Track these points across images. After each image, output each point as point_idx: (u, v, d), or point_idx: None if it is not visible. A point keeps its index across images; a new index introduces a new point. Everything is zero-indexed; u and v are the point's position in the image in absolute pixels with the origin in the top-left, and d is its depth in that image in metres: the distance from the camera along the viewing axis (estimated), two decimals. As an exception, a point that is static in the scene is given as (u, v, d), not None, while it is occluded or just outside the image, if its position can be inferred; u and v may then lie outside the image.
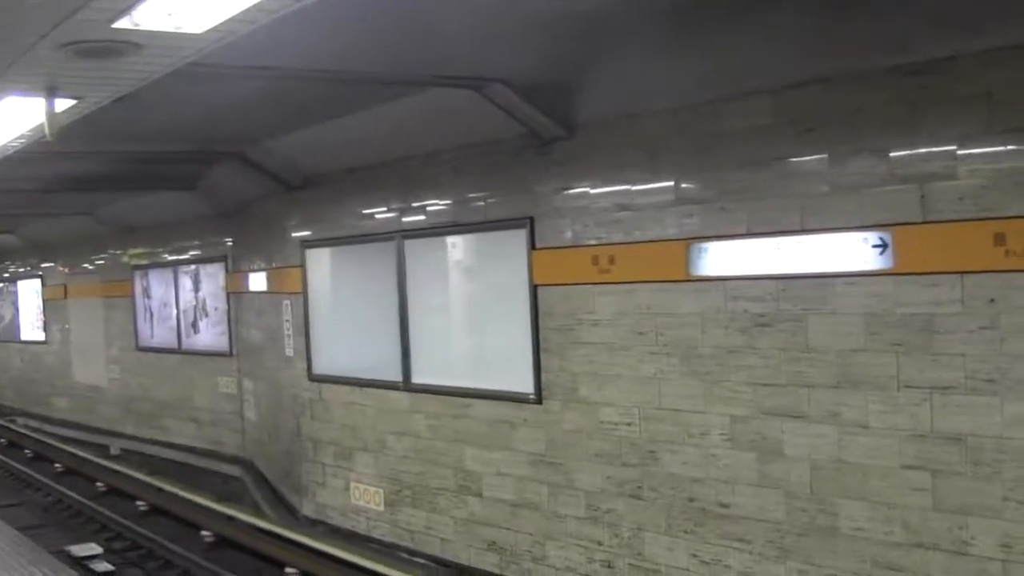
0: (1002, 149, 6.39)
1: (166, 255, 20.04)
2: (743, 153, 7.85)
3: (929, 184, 6.70)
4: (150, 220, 19.80)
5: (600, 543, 9.29)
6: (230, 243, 17.39)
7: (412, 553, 11.67)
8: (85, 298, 23.65)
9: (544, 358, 9.72)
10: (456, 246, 11.53)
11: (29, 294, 27.17)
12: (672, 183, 8.42)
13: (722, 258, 8.05)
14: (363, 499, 12.51)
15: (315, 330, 13.47)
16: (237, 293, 17.03)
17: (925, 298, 6.77)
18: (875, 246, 7.00)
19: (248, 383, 16.79)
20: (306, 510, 13.78)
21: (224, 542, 13.59)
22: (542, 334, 9.72)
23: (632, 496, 8.94)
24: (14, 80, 5.91)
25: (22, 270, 27.65)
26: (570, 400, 9.48)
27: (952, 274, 6.63)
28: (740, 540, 8.09)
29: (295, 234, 13.69)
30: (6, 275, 28.74)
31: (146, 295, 20.88)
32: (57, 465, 19.94)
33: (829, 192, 7.28)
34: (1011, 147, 6.35)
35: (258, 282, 15.49)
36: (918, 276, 6.81)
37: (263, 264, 15.21)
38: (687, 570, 8.52)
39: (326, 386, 13.19)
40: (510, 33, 7.92)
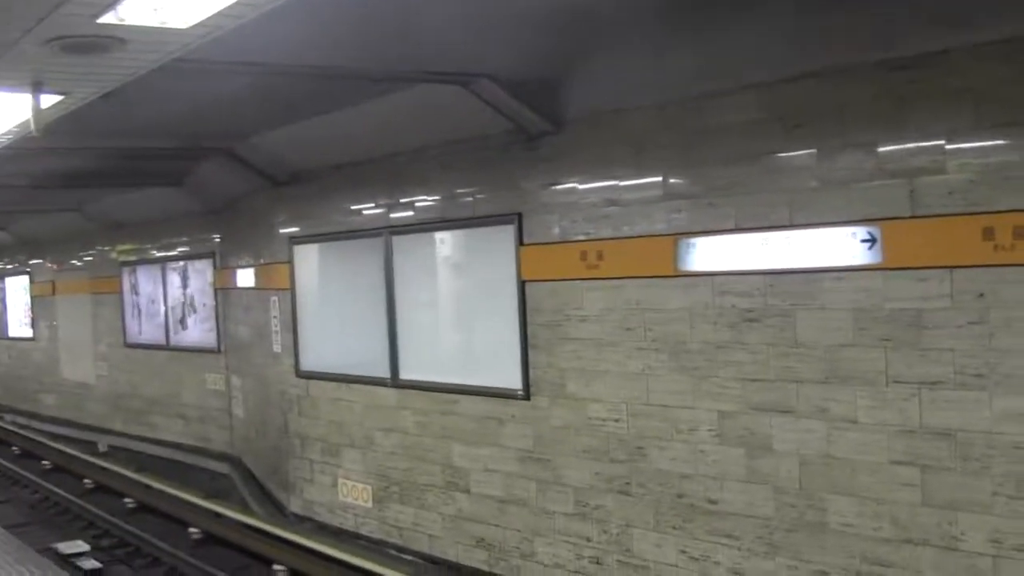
0: (991, 143, 6.38)
1: (154, 251, 20.01)
2: (731, 148, 7.83)
3: (918, 179, 6.68)
4: (138, 216, 19.78)
5: (589, 539, 9.27)
6: (218, 239, 17.36)
7: (400, 550, 11.65)
8: (73, 294, 23.61)
9: (532, 354, 9.70)
10: (444, 242, 11.51)
11: (17, 291, 27.14)
12: (660, 178, 8.40)
13: (710, 253, 8.03)
14: (351, 496, 12.48)
15: (303, 326, 13.44)
16: (225, 289, 17.00)
17: (914, 293, 6.76)
18: (863, 241, 6.99)
19: (236, 379, 16.76)
20: (294, 507, 13.75)
21: (212, 539, 13.56)
22: (530, 330, 9.71)
23: (620, 492, 8.92)
24: (-1, 75, 5.90)
25: (10, 266, 27.60)
26: (558, 396, 9.46)
27: (941, 269, 6.61)
28: (729, 536, 8.07)
29: (283, 230, 13.65)
30: (-6, 271, 28.70)
31: (134, 291, 20.85)
32: (45, 462, 19.91)
33: (817, 187, 7.26)
34: (1000, 141, 6.34)
35: (246, 278, 15.47)
36: (907, 271, 6.79)
37: (251, 260, 15.19)
38: (676, 566, 8.50)
39: (313, 382, 13.16)
40: (497, 29, 7.90)
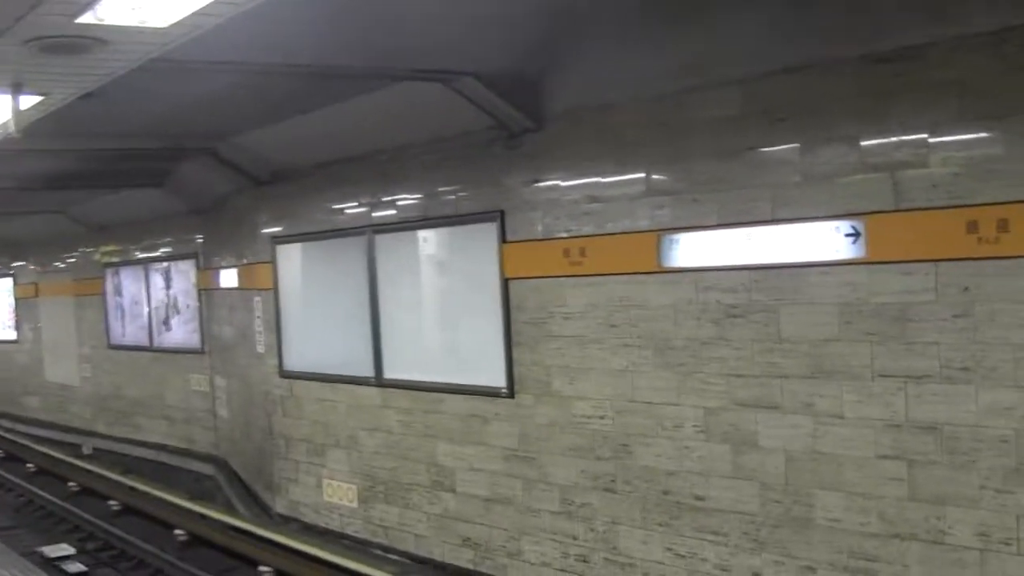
0: (974, 136, 6.36)
1: (137, 252, 19.92)
2: (714, 143, 7.80)
3: (901, 172, 6.66)
4: (121, 217, 19.72)
5: (575, 537, 9.23)
6: (201, 240, 17.29)
7: (386, 550, 11.60)
8: (57, 296, 23.51)
9: (516, 352, 9.66)
10: (427, 240, 11.46)
11: (0, 293, 26.97)
12: (643, 174, 8.36)
13: (693, 249, 7.99)
14: (336, 496, 12.43)
15: (286, 326, 13.38)
16: (208, 290, 16.94)
17: (898, 287, 6.73)
18: (847, 235, 6.96)
19: (220, 380, 16.70)
20: (279, 507, 13.69)
21: (197, 541, 13.49)
22: (514, 328, 9.66)
23: (606, 490, 8.88)
24: (-22, 77, 5.87)
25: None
26: (543, 394, 9.42)
27: (925, 262, 6.59)
28: (715, 533, 8.04)
29: (265, 230, 13.59)
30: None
31: (117, 293, 20.77)
32: (29, 465, 19.81)
33: (801, 181, 7.23)
34: (983, 134, 6.32)
35: (229, 278, 15.43)
36: (891, 265, 6.77)
37: (234, 260, 15.14)
38: (662, 563, 8.47)
39: (297, 382, 13.11)
40: (479, 26, 7.87)
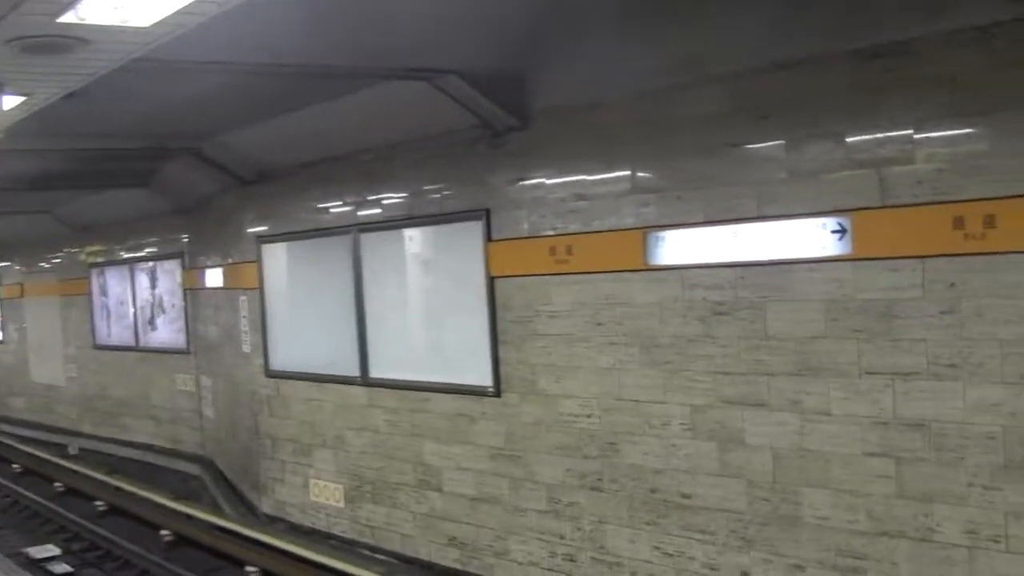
0: (959, 132, 6.35)
1: (123, 252, 19.86)
2: (699, 141, 7.78)
3: (887, 168, 6.64)
4: (107, 217, 19.65)
5: (562, 536, 9.20)
6: (186, 239, 17.24)
7: (372, 549, 11.57)
8: (42, 296, 23.45)
9: (502, 350, 9.63)
10: (412, 239, 11.41)
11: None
12: (628, 172, 8.33)
13: (679, 247, 7.97)
14: (322, 496, 12.39)
15: (272, 326, 13.33)
16: (194, 290, 16.89)
17: (885, 283, 6.71)
18: (833, 232, 6.94)
19: (206, 380, 16.65)
20: (265, 507, 13.65)
21: (183, 541, 13.46)
22: (500, 326, 9.63)
23: (593, 488, 8.86)
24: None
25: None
26: (529, 392, 9.39)
27: (912, 259, 6.57)
28: (703, 531, 8.01)
29: (250, 229, 13.55)
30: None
31: (103, 293, 20.72)
32: (15, 465, 19.76)
33: (786, 178, 7.21)
34: (968, 130, 6.31)
35: (214, 278, 15.38)
36: (878, 261, 6.75)
37: (219, 260, 15.10)
38: (650, 562, 8.44)
39: (283, 382, 13.06)
40: (463, 24, 7.85)
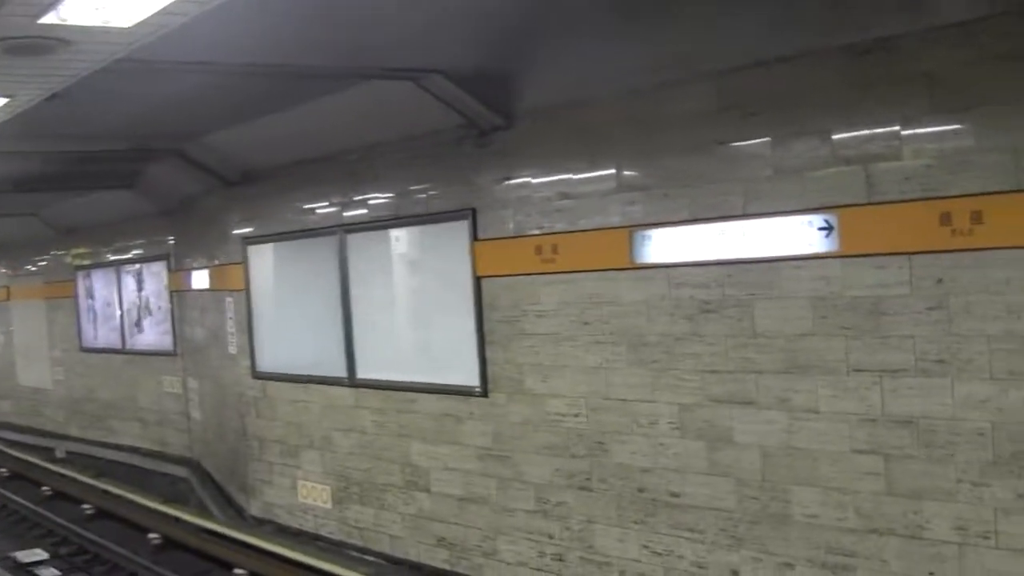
0: (946, 128, 6.33)
1: (108, 255, 19.78)
2: (685, 138, 7.76)
3: (873, 165, 6.62)
4: (92, 220, 19.58)
5: (551, 536, 9.18)
6: (172, 241, 17.17)
7: (361, 551, 11.53)
8: (28, 299, 23.39)
9: (489, 350, 9.60)
10: (399, 239, 11.41)
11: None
12: (614, 170, 8.31)
13: (666, 245, 7.95)
14: (310, 497, 12.35)
15: (258, 327, 13.28)
16: (180, 291, 16.83)
17: (873, 280, 6.70)
18: (820, 229, 6.92)
19: (193, 382, 16.60)
20: (253, 509, 13.60)
21: (171, 544, 13.44)
22: (487, 326, 9.61)
23: (581, 488, 8.83)
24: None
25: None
26: (516, 392, 9.36)
27: (899, 255, 6.56)
28: (692, 530, 7.99)
29: (236, 231, 13.50)
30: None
31: (89, 295, 20.65)
32: (2, 469, 19.74)
33: (773, 176, 7.19)
34: (955, 126, 6.29)
35: (200, 280, 15.33)
36: (865, 258, 6.74)
37: (205, 262, 15.04)
38: (639, 561, 8.42)
39: (270, 383, 13.02)
40: (447, 23, 7.84)
